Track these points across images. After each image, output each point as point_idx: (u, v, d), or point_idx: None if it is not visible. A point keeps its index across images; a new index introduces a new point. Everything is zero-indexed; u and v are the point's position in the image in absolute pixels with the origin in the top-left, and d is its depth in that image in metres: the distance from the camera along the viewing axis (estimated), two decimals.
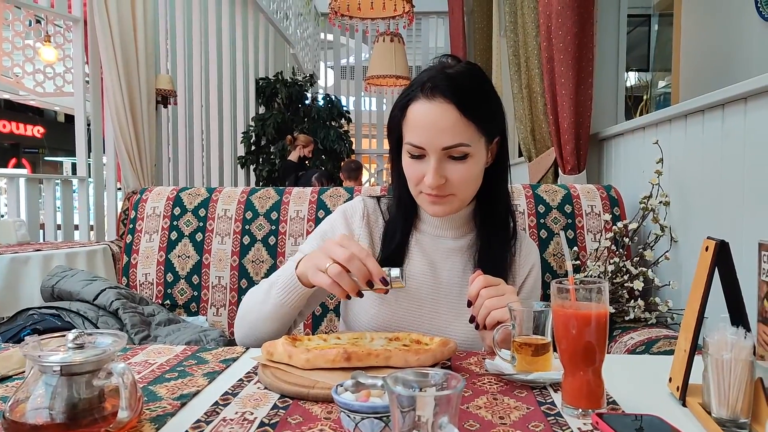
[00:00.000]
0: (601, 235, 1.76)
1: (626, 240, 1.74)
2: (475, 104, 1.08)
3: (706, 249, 0.79)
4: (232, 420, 0.72)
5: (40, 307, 1.56)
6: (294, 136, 6.29)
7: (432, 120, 1.06)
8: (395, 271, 0.98)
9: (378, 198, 1.31)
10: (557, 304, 0.75)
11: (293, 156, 6.12)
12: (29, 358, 0.65)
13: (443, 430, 0.53)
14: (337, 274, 0.96)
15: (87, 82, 4.61)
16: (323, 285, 0.99)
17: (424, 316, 1.18)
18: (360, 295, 1.00)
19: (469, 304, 1.03)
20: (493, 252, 1.20)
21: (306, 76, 7.35)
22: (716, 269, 0.78)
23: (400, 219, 1.23)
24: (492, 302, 0.99)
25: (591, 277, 1.69)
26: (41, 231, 4.70)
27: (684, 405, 0.76)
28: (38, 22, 4.60)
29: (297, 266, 1.07)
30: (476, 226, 1.23)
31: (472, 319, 1.02)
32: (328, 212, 1.75)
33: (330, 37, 9.35)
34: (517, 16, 2.96)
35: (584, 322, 0.72)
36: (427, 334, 1.02)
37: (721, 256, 0.77)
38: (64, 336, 0.69)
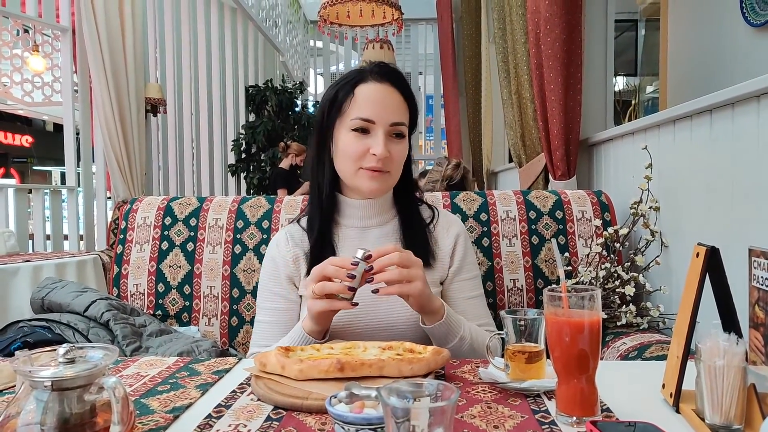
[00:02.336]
0: (592, 241, 1.76)
1: (617, 245, 1.75)
2: (412, 96, 1.26)
3: (697, 255, 0.79)
4: None
5: (30, 320, 1.55)
6: (287, 144, 6.27)
7: (383, 96, 1.21)
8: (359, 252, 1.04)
9: (297, 219, 1.37)
10: (550, 312, 0.76)
11: (284, 164, 6.10)
12: (20, 373, 0.65)
13: None
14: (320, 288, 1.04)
15: (76, 91, 4.59)
16: (324, 308, 1.05)
17: (366, 307, 1.17)
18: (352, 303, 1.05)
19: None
20: (415, 231, 1.29)
21: (296, 84, 7.35)
22: (707, 275, 0.78)
23: (317, 210, 1.28)
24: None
25: (582, 282, 1.69)
26: (30, 241, 4.66)
27: (677, 411, 0.77)
28: (26, 31, 4.57)
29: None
30: (397, 212, 1.32)
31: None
32: None
33: (319, 44, 9.37)
34: (506, 22, 2.98)
35: (577, 329, 0.73)
36: (378, 330, 1.13)
37: (712, 263, 0.78)
38: (54, 350, 0.68)
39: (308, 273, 1.25)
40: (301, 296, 1.28)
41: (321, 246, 1.26)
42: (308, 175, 1.33)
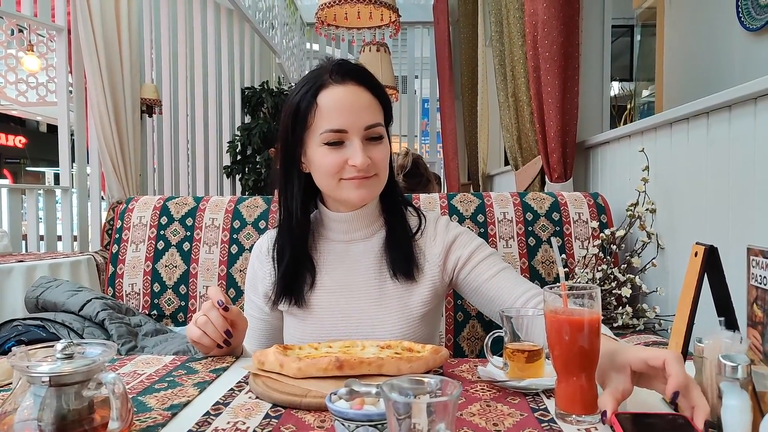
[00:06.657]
0: (589, 243, 1.77)
1: (613, 247, 1.75)
2: (380, 89, 1.15)
3: (696, 254, 0.80)
4: (224, 430, 0.72)
5: (24, 319, 1.54)
6: (277, 148, 6.24)
7: (350, 101, 1.09)
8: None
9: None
10: (550, 311, 0.75)
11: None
12: (17, 369, 0.64)
13: None
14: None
15: (71, 91, 4.57)
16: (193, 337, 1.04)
17: (350, 326, 1.16)
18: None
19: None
20: (400, 245, 1.19)
21: (292, 86, 7.35)
22: (705, 274, 0.79)
23: (287, 237, 1.19)
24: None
25: (579, 284, 1.70)
26: (24, 242, 4.63)
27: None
28: (21, 31, 4.55)
29: None
30: (384, 222, 1.22)
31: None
32: None
33: (316, 46, 9.37)
34: (503, 25, 2.98)
35: (577, 328, 0.73)
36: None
37: (711, 262, 0.78)
38: (52, 346, 0.68)
39: (276, 298, 1.20)
40: (282, 311, 1.23)
41: (292, 274, 1.18)
42: (275, 186, 1.23)
